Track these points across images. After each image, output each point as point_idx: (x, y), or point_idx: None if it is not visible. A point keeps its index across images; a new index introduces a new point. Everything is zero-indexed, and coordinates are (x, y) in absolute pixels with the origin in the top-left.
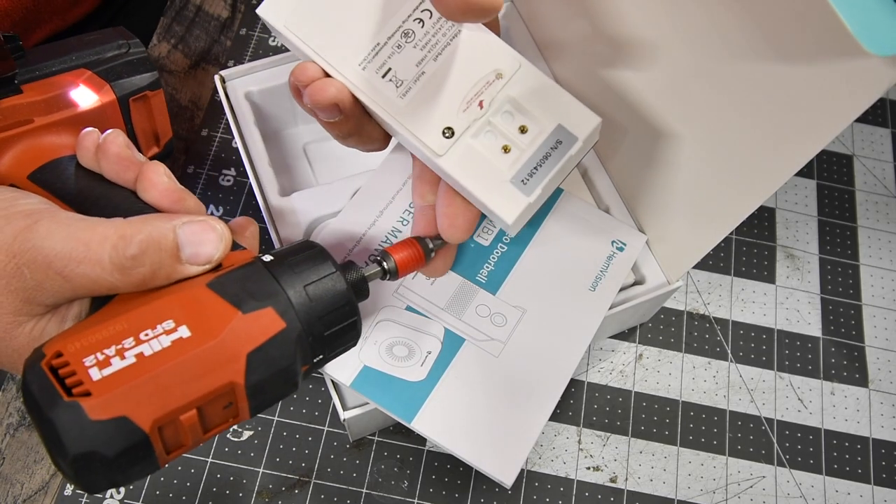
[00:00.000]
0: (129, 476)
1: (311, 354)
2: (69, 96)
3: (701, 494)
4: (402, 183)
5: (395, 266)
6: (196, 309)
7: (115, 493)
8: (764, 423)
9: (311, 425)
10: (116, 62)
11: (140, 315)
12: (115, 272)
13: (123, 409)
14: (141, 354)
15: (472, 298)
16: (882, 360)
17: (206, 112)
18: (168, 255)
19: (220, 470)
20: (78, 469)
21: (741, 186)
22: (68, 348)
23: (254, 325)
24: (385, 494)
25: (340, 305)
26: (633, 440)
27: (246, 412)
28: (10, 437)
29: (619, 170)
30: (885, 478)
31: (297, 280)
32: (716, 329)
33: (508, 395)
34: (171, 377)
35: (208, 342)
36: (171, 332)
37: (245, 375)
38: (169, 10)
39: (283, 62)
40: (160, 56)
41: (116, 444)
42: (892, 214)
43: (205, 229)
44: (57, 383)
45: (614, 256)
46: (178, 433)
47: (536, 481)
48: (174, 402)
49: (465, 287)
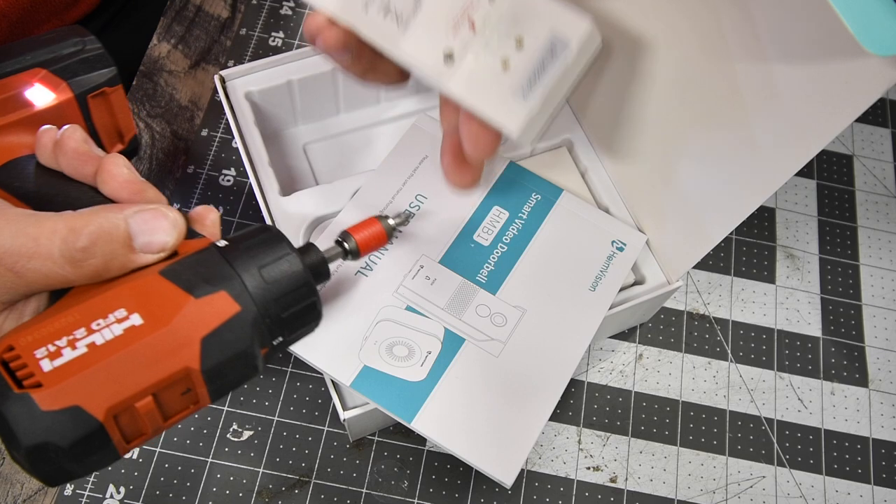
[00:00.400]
0: (88, 466)
1: (270, 337)
2: (25, 96)
3: (701, 494)
4: (402, 183)
5: (356, 246)
6: (148, 297)
7: (115, 493)
8: (764, 423)
9: (311, 425)
10: (72, 59)
11: (92, 305)
12: (66, 265)
13: (75, 398)
14: (93, 344)
15: (473, 298)
16: (882, 360)
17: (206, 112)
18: (120, 245)
19: (220, 470)
20: (33, 461)
21: (741, 186)
22: (20, 342)
23: (207, 310)
24: (385, 494)
25: (297, 287)
26: (633, 440)
27: (206, 398)
28: None
29: (619, 169)
30: (885, 478)
31: (252, 263)
32: (716, 329)
33: (508, 396)
34: (124, 365)
35: (160, 328)
36: (122, 320)
37: (200, 360)
38: (169, 10)
39: (283, 62)
40: (160, 56)
41: (70, 434)
42: (892, 214)
43: (156, 217)
44: (8, 376)
45: (614, 256)
46: (135, 421)
47: (536, 481)
48: (127, 389)
49: (466, 287)
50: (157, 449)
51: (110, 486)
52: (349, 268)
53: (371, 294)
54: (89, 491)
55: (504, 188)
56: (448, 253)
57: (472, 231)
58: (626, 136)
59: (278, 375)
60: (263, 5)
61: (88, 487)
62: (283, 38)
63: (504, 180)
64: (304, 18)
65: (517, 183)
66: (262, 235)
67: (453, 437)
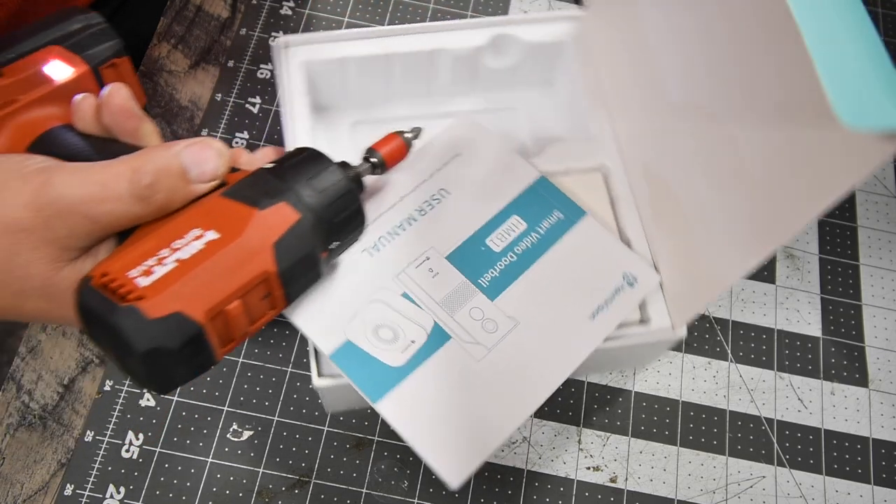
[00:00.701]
0: (192, 369)
1: (327, 241)
2: (46, 72)
3: (701, 494)
4: (430, 175)
5: (382, 159)
6: (217, 215)
7: (115, 493)
8: (764, 423)
9: (311, 425)
10: (82, 35)
11: (168, 230)
12: (135, 203)
13: (176, 305)
14: (179, 259)
15: (469, 300)
16: (882, 360)
17: (206, 112)
18: (178, 178)
19: (220, 470)
20: (148, 366)
21: (746, 243)
22: (111, 268)
23: (272, 219)
24: (385, 494)
25: (343, 194)
26: (633, 440)
27: (282, 300)
28: (10, 437)
29: (646, 207)
30: (885, 478)
31: (301, 176)
32: (716, 329)
33: (478, 402)
34: (211, 273)
35: (236, 238)
36: (200, 237)
37: (276, 263)
38: (169, 10)
39: (344, 38)
40: (160, 56)
41: (177, 337)
42: (892, 214)
43: (203, 148)
44: (110, 295)
45: (622, 289)
46: (227, 325)
47: (536, 481)
48: (219, 293)
49: (465, 287)
50: (158, 449)
51: (110, 486)
52: (354, 246)
53: (372, 274)
54: (89, 491)
55: (528, 200)
56: (457, 251)
57: (485, 234)
58: (656, 177)
59: (278, 375)
60: (263, 5)
61: (88, 488)
62: None
63: (531, 192)
64: (303, 19)
65: (543, 197)
66: (302, 154)
67: (413, 426)
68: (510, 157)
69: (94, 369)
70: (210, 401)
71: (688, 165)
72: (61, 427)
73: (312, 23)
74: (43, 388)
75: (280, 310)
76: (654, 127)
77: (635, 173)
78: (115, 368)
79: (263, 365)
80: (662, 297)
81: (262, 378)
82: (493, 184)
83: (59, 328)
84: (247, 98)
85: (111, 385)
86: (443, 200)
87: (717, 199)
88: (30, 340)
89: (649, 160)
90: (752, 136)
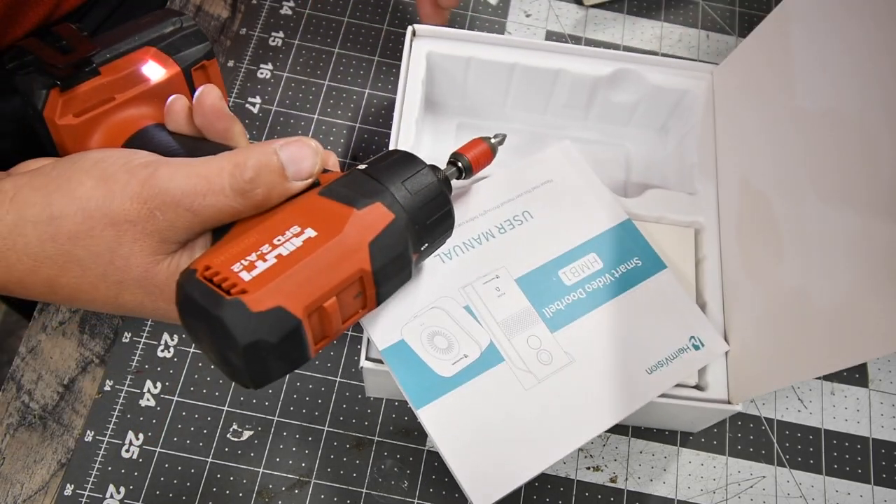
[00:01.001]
0: (288, 364)
1: (419, 242)
2: (141, 72)
3: (701, 494)
4: (517, 195)
5: (468, 163)
6: (315, 213)
7: (115, 493)
8: (764, 423)
9: (311, 425)
10: (175, 37)
11: (267, 227)
12: (237, 197)
13: (278, 300)
14: (280, 255)
15: (530, 327)
16: (882, 360)
17: None
18: (277, 175)
19: (220, 470)
20: (249, 359)
21: (829, 347)
22: (214, 262)
23: (368, 219)
24: (385, 494)
25: (435, 196)
26: (633, 440)
27: (373, 300)
28: (10, 437)
29: (731, 275)
30: (885, 478)
31: (395, 178)
32: None
33: (518, 430)
34: (311, 270)
35: (334, 237)
36: (299, 234)
37: (371, 262)
38: None
39: (473, 40)
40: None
41: (277, 331)
42: None
43: (301, 146)
44: (216, 288)
45: (686, 351)
46: (322, 321)
47: (536, 481)
48: (317, 290)
49: (529, 313)
50: (157, 449)
51: (110, 486)
52: None
53: (439, 280)
54: (89, 491)
55: (610, 240)
56: (527, 275)
57: (559, 266)
58: (747, 250)
59: None
60: (263, 5)
61: (88, 488)
62: (283, 38)
63: (613, 233)
64: (303, 19)
65: (625, 241)
66: (395, 156)
67: (450, 440)
68: (601, 193)
69: (94, 369)
70: (210, 401)
71: (793, 265)
72: (61, 427)
73: (312, 23)
74: (43, 388)
75: (370, 309)
76: (788, 184)
77: (731, 236)
78: (115, 368)
79: None
80: (725, 367)
81: None
82: (578, 217)
83: (59, 328)
84: (247, 98)
85: (111, 385)
86: (525, 223)
87: (847, 289)
88: (30, 340)
89: (744, 232)
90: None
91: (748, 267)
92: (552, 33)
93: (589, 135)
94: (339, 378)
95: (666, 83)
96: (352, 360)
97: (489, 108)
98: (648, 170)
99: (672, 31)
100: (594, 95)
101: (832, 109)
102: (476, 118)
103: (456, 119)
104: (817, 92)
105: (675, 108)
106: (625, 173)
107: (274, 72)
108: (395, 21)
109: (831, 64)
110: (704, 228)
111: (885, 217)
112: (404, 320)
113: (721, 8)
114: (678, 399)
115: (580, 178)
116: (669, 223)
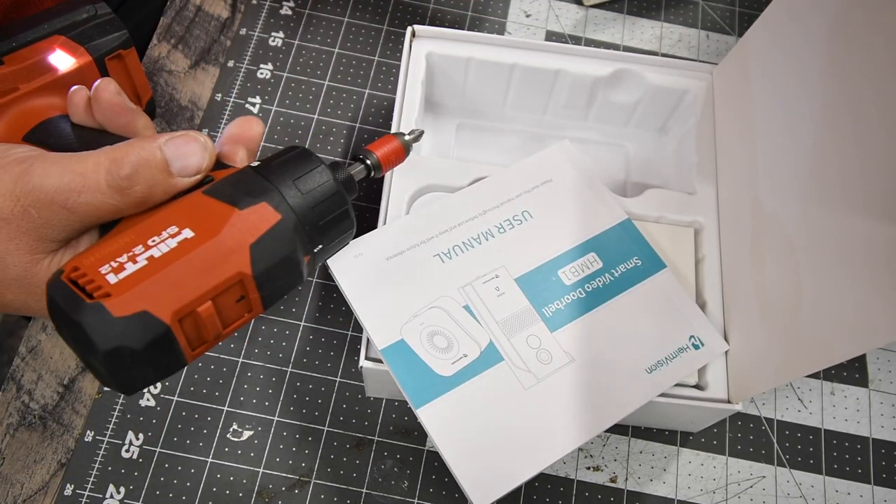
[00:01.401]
0: (159, 371)
1: (311, 244)
2: (48, 61)
3: (701, 494)
4: (517, 194)
5: (377, 161)
6: (196, 213)
7: (115, 493)
8: (764, 423)
9: (311, 425)
10: (87, 25)
11: (145, 226)
12: (114, 194)
13: (143, 304)
14: (151, 257)
15: (529, 326)
16: (882, 360)
17: (205, 112)
18: (160, 171)
19: (220, 470)
20: (110, 365)
21: (828, 343)
22: (84, 262)
23: (251, 219)
24: (385, 494)
25: (329, 195)
26: (633, 440)
27: (258, 304)
28: (10, 437)
29: (731, 273)
30: (885, 478)
31: (287, 176)
32: None
33: (518, 430)
34: (182, 273)
35: (211, 238)
36: (175, 235)
37: (251, 266)
38: (169, 10)
39: (471, 40)
40: (160, 56)
41: (141, 337)
42: None
43: (187, 141)
44: (78, 290)
45: (686, 350)
46: (198, 327)
47: (536, 481)
48: (189, 294)
49: (528, 313)
50: (157, 449)
51: (110, 486)
52: (428, 249)
53: (439, 280)
54: (89, 491)
55: (609, 240)
56: (527, 275)
57: (559, 265)
58: (747, 250)
59: (278, 375)
60: (263, 5)
61: (88, 488)
62: (283, 38)
63: (613, 233)
64: (303, 19)
65: (625, 240)
66: (292, 153)
67: (449, 440)
68: (600, 192)
69: None
70: (210, 401)
71: (797, 265)
72: (61, 427)
73: (313, 23)
74: (43, 388)
75: (257, 313)
76: (787, 184)
77: (730, 236)
78: None
79: (263, 365)
80: (725, 367)
81: (262, 378)
82: (578, 217)
83: None
84: (247, 98)
85: None
86: (524, 222)
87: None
88: (30, 340)
89: (742, 233)
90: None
91: (748, 266)
92: (552, 33)
93: (589, 135)
94: (339, 378)
95: (666, 83)
96: (352, 360)
97: (489, 108)
98: (648, 170)
99: (672, 32)
100: (594, 95)
101: (830, 108)
102: (476, 118)
103: (456, 119)
104: (813, 90)
105: (675, 108)
106: (624, 173)
107: (274, 72)
108: (395, 21)
109: (825, 60)
110: (704, 228)
111: (885, 216)
112: (404, 320)
113: (721, 8)
114: (678, 398)
115: (580, 177)
116: (669, 223)
